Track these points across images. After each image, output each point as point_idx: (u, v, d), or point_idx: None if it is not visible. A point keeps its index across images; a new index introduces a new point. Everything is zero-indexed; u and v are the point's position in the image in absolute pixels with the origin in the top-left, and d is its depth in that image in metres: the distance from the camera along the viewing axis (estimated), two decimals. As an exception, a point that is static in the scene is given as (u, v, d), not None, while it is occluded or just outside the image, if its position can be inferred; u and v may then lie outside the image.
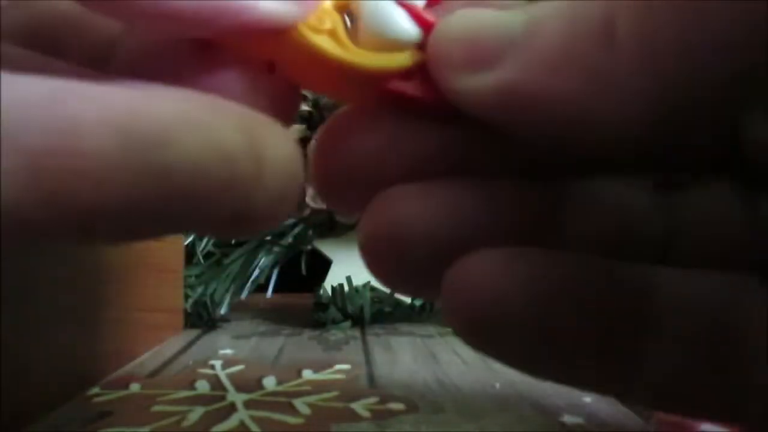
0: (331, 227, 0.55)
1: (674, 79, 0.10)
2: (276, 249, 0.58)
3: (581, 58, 0.11)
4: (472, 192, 0.14)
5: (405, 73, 0.13)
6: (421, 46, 0.13)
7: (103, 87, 0.10)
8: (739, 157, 0.14)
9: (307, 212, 0.52)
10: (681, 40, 0.10)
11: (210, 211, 0.11)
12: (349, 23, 0.13)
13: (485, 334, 0.13)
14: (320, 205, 0.50)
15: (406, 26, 0.13)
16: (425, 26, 0.13)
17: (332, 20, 0.13)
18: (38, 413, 0.30)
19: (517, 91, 0.12)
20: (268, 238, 0.58)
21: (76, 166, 0.09)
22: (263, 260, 0.58)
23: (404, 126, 0.14)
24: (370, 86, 0.13)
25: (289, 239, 0.58)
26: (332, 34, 0.13)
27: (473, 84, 0.12)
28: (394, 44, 0.13)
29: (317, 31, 0.13)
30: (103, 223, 0.10)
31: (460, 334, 0.13)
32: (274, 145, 0.12)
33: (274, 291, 0.60)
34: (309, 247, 0.57)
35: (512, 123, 0.12)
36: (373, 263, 0.14)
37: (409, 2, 0.13)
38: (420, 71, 0.13)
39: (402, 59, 0.13)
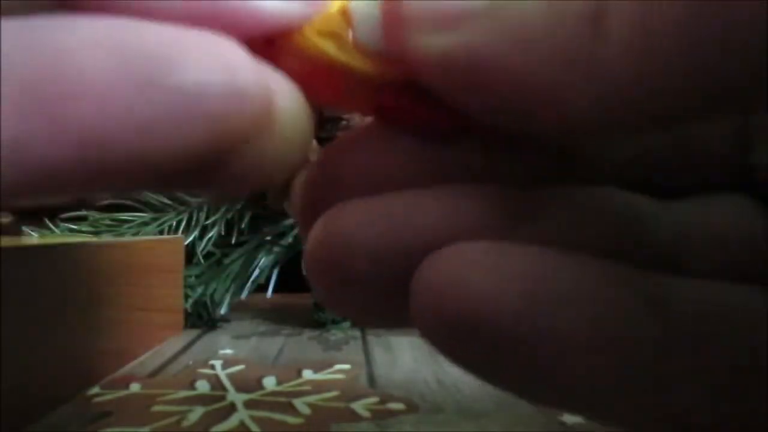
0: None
1: (670, 80, 0.09)
2: (276, 249, 0.58)
3: (559, 40, 0.10)
4: (434, 200, 0.12)
5: (401, 86, 0.13)
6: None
7: (92, 16, 0.10)
8: (746, 174, 0.13)
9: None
10: (686, 35, 0.09)
11: (221, 137, 0.10)
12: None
13: (466, 338, 0.11)
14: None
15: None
16: None
17: (338, 24, 0.13)
18: (38, 413, 0.30)
19: (478, 58, 0.11)
20: (268, 238, 0.58)
21: (75, 89, 0.09)
22: (263, 260, 0.58)
23: (390, 144, 0.13)
24: (370, 96, 0.13)
25: (289, 239, 0.58)
26: (337, 38, 0.12)
27: (429, 43, 0.11)
28: (380, 54, 0.13)
29: (323, 34, 0.12)
30: (111, 152, 0.09)
31: (434, 337, 0.11)
32: (285, 95, 0.11)
33: (274, 291, 0.60)
34: (309, 247, 0.57)
35: (468, 92, 0.11)
36: (313, 280, 0.13)
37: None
38: (417, 85, 0.13)
39: (399, 72, 0.13)
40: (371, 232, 0.12)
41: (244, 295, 0.57)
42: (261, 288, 0.59)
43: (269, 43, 0.12)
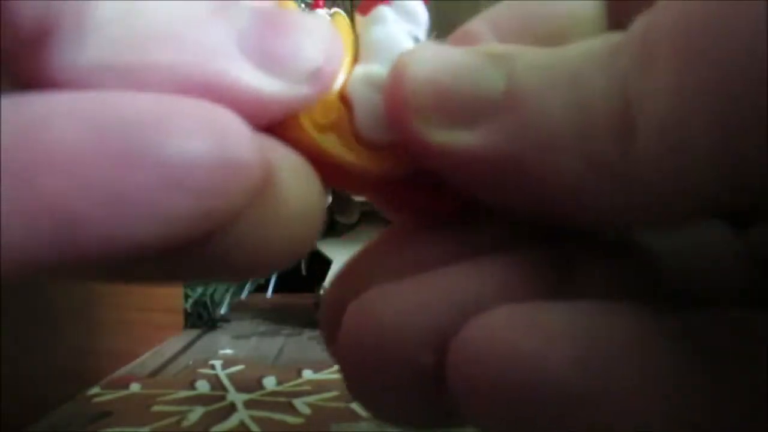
0: (331, 227, 0.55)
1: (699, 183, 0.09)
2: (276, 249, 0.58)
3: (587, 144, 0.09)
4: (467, 275, 0.11)
5: (404, 175, 0.12)
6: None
7: (71, 91, 0.09)
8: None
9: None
10: (717, 142, 0.08)
11: (209, 213, 0.09)
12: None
13: (513, 404, 0.10)
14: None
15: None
16: None
17: (337, 112, 0.12)
18: (38, 413, 0.30)
19: (500, 157, 0.10)
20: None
21: (44, 161, 0.08)
22: (263, 260, 0.58)
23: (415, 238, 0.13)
24: (372, 183, 0.13)
25: (289, 239, 0.58)
26: (337, 129, 0.12)
27: (445, 139, 0.11)
28: (384, 144, 0.12)
29: (322, 127, 0.12)
30: (84, 231, 0.08)
31: (479, 407, 0.10)
32: (289, 167, 0.10)
33: (274, 291, 0.60)
34: (309, 247, 0.57)
35: (489, 188, 0.11)
36: (357, 378, 0.11)
37: None
38: (421, 173, 0.12)
39: (403, 164, 0.12)
40: (430, 316, 0.11)
41: (244, 295, 0.57)
42: (261, 288, 0.59)
43: (269, 131, 0.11)
